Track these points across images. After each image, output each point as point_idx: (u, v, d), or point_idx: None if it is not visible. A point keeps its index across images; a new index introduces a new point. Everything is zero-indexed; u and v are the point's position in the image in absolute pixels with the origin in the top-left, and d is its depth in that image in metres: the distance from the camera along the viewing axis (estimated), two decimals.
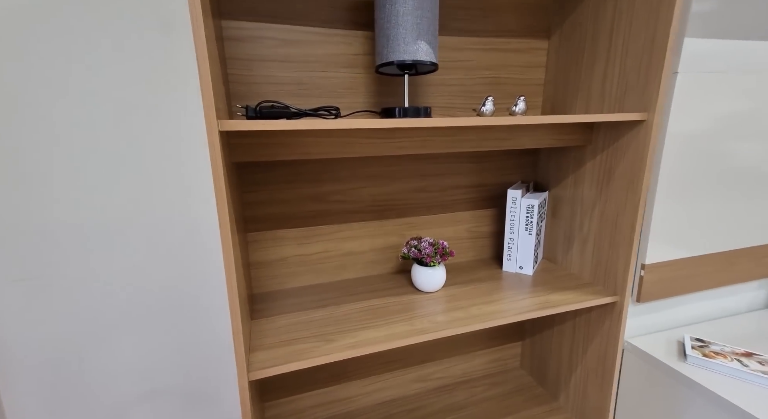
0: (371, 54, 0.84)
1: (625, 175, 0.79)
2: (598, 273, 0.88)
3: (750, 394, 1.00)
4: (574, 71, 0.89)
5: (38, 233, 0.74)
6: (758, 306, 1.48)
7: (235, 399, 0.95)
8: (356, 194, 0.91)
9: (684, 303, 1.36)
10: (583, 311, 0.92)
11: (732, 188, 1.28)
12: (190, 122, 0.78)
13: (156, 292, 0.83)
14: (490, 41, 0.92)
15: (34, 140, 0.70)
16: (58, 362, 0.80)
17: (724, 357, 1.15)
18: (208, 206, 0.83)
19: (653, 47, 0.71)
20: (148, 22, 0.72)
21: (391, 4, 0.68)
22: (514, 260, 0.95)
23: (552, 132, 0.85)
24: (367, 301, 0.83)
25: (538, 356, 1.12)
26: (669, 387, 1.14)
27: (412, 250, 0.85)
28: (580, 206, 0.91)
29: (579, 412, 0.98)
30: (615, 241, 0.83)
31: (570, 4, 0.89)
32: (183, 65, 0.75)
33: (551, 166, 0.99)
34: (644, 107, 0.74)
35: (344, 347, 0.66)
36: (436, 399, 1.07)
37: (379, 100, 0.87)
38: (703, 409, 1.05)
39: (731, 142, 1.20)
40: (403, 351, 1.06)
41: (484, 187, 1.01)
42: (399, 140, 0.75)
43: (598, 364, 0.91)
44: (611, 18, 0.79)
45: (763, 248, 1.38)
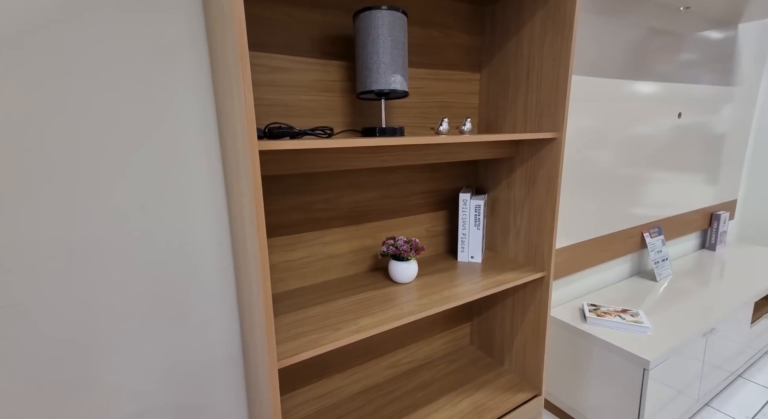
0: (345, 80, 0.97)
1: (545, 179, 1.05)
2: (529, 256, 1.13)
3: (628, 338, 1.36)
4: (502, 99, 1.14)
5: (21, 254, 0.70)
6: (626, 276, 1.95)
7: (225, 409, 0.97)
8: (335, 202, 1.02)
9: (579, 279, 1.74)
10: (520, 287, 1.16)
11: (600, 188, 1.70)
12: (183, 141, 0.82)
13: (147, 307, 0.83)
14: (438, 72, 1.12)
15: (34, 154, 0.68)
16: (47, 385, 0.75)
17: (610, 314, 1.51)
18: (199, 220, 0.86)
19: (558, 83, 0.98)
20: (145, 47, 0.75)
21: (372, 44, 0.83)
22: (466, 252, 1.16)
23: (490, 146, 1.08)
24: (355, 296, 0.94)
25: (484, 332, 1.35)
26: (576, 341, 1.46)
27: (390, 247, 0.99)
28: (512, 204, 1.16)
29: (521, 371, 1.22)
30: (540, 230, 1.08)
31: (495, 49, 1.13)
32: (180, 88, 0.79)
33: (489, 173, 1.22)
34: (555, 128, 1.00)
35: (351, 332, 0.77)
36: (407, 381, 1.21)
37: (354, 119, 1.00)
38: (600, 354, 1.38)
39: (594, 152, 1.60)
40: (374, 341, 1.18)
41: (438, 192, 1.21)
42: (381, 155, 0.89)
43: (533, 329, 1.16)
44: (527, 61, 1.05)
45: (625, 232, 1.83)
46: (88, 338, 0.78)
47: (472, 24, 1.14)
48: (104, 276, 0.78)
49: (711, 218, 2.34)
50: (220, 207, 0.89)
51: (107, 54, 0.72)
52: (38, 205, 0.70)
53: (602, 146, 1.60)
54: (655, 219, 1.98)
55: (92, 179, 0.74)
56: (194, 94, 0.82)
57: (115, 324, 0.80)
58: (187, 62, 0.80)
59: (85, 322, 0.77)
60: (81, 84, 0.71)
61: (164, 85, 0.78)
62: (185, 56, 0.80)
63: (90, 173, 0.74)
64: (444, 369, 1.27)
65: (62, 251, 0.73)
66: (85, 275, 0.76)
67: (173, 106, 0.80)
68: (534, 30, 1.01)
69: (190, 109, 0.82)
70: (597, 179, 1.64)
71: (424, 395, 1.15)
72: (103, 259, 0.77)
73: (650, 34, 1.64)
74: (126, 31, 0.73)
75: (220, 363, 0.94)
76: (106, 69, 0.73)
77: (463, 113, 1.19)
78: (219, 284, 0.91)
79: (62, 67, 0.69)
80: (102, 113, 0.73)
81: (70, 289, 0.75)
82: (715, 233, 2.33)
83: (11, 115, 0.66)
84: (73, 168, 0.72)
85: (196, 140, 0.83)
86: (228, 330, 0.95)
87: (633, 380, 1.30)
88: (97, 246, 0.76)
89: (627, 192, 1.79)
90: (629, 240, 1.86)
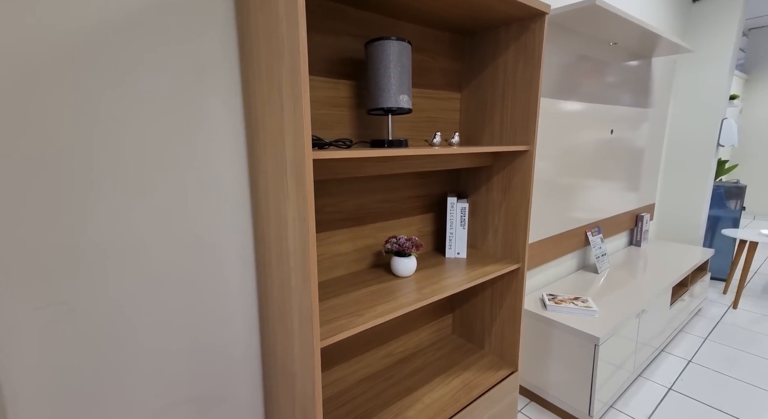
0: (353, 97, 1.09)
1: (518, 185, 1.25)
2: (506, 251, 1.32)
3: (580, 321, 1.60)
4: (480, 116, 1.33)
5: (66, 257, 0.72)
6: (574, 270, 2.25)
7: (242, 398, 1.02)
8: (343, 205, 1.13)
9: (537, 273, 1.98)
10: (498, 278, 1.35)
11: (550, 194, 1.97)
12: (215, 151, 0.89)
13: (177, 305, 0.88)
14: (427, 92, 1.28)
15: (74, 163, 0.71)
16: (87, 377, 0.77)
17: (565, 302, 1.76)
18: (225, 224, 0.93)
19: (529, 104, 1.18)
20: (185, 65, 0.81)
21: (384, 68, 0.96)
22: (453, 249, 1.32)
23: (472, 157, 1.26)
24: (366, 288, 1.05)
25: (465, 322, 1.51)
26: (539, 327, 1.69)
27: (394, 245, 1.12)
28: (491, 206, 1.34)
29: (500, 352, 1.40)
30: (515, 228, 1.28)
31: (474, 73, 1.32)
32: (213, 101, 0.86)
33: (470, 180, 1.40)
34: (527, 142, 1.20)
35: (373, 316, 0.88)
36: (402, 367, 1.33)
37: (360, 132, 1.12)
38: (559, 336, 1.61)
39: (544, 162, 1.87)
40: (371, 334, 1.29)
41: (427, 197, 1.36)
42: (389, 163, 1.02)
43: (510, 314, 1.34)
44: (502, 84, 1.25)
45: (572, 232, 2.12)
46: (124, 333, 0.81)
47: (454, 51, 1.32)
48: (140, 276, 0.82)
49: (636, 219, 2.76)
50: (244, 212, 0.96)
51: (153, 70, 0.78)
52: (84, 211, 0.74)
53: (550, 157, 1.87)
54: (594, 220, 2.31)
55: (134, 186, 0.79)
56: (225, 106, 0.89)
57: (148, 320, 0.84)
58: (219, 78, 0.87)
59: (122, 319, 0.81)
60: (131, 98, 0.76)
61: (199, 99, 0.85)
62: (218, 73, 0.87)
63: (132, 180, 0.79)
64: (432, 355, 1.41)
65: (104, 253, 0.77)
66: (124, 275, 0.80)
67: (207, 117, 0.87)
68: (508, 60, 1.21)
69: (221, 120, 0.89)
70: (547, 186, 1.90)
71: (419, 378, 1.28)
72: (139, 260, 0.81)
73: (587, 62, 1.96)
74: (169, 51, 0.80)
75: (240, 358, 1.00)
76: (151, 84, 0.78)
77: (447, 127, 1.37)
78: (241, 283, 0.98)
79: (118, 81, 0.74)
80: (145, 123, 0.79)
81: (110, 288, 0.78)
82: (640, 232, 2.75)
83: (80, 120, 0.70)
84: (117, 175, 0.77)
85: (225, 150, 0.91)
86: (248, 327, 1.01)
87: (586, 355, 1.54)
88: (134, 248, 0.80)
89: (572, 197, 2.09)
90: (575, 239, 2.16)
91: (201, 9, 0.83)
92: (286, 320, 0.86)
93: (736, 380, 1.94)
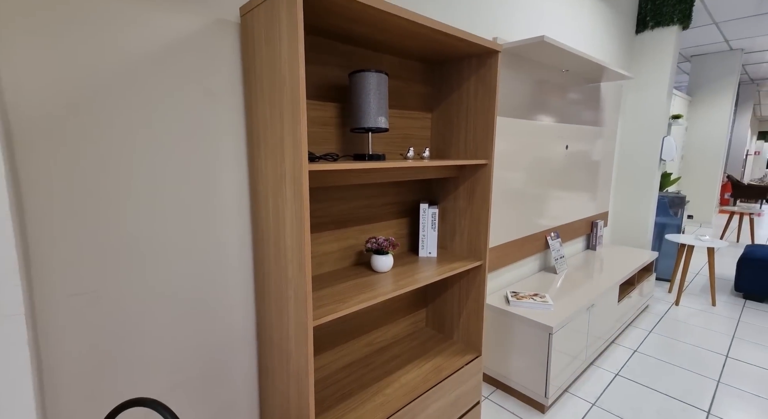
0: (337, 117, 1.27)
1: (480, 194, 1.45)
2: (470, 251, 1.52)
3: (538, 313, 1.82)
4: (447, 134, 1.54)
5: (97, 251, 0.86)
6: (536, 271, 2.49)
7: (242, 377, 1.16)
8: (329, 210, 1.29)
9: (502, 274, 2.20)
10: (464, 274, 1.54)
11: (514, 202, 2.20)
12: (221, 163, 1.04)
13: (187, 294, 1.01)
14: (402, 112, 1.47)
15: (110, 168, 0.85)
16: (99, 365, 0.89)
17: (526, 298, 1.98)
18: (228, 225, 1.08)
19: (487, 125, 1.39)
20: (195, 90, 0.97)
21: (365, 94, 1.15)
22: (426, 249, 1.50)
23: (441, 169, 1.45)
24: (350, 281, 1.22)
25: (437, 315, 1.70)
26: (503, 320, 1.89)
27: (374, 244, 1.29)
28: (458, 212, 1.54)
29: (466, 340, 1.58)
30: (478, 231, 1.48)
31: (442, 97, 1.53)
32: (224, 125, 1.02)
33: (440, 189, 1.60)
34: (487, 157, 1.41)
35: (357, 302, 1.05)
36: (381, 355, 1.50)
37: (343, 147, 1.30)
38: (519, 327, 1.82)
39: (508, 173, 2.11)
40: (354, 325, 1.45)
41: (402, 203, 1.55)
42: (370, 174, 1.20)
43: (474, 306, 1.53)
44: (465, 108, 1.46)
45: (533, 236, 2.36)
46: (141, 318, 0.95)
47: (425, 78, 1.53)
48: (157, 268, 0.96)
49: (592, 225, 3.05)
50: (244, 216, 1.11)
51: (173, 95, 0.94)
52: (117, 212, 0.88)
53: (514, 170, 2.10)
54: (554, 226, 2.56)
55: (153, 192, 0.93)
56: (231, 126, 1.05)
57: (162, 307, 0.98)
58: (226, 103, 1.04)
59: (141, 306, 0.94)
60: (155, 118, 0.91)
61: (211, 120, 1.01)
62: (226, 98, 1.03)
63: (152, 186, 0.93)
64: (408, 344, 1.58)
65: (129, 248, 0.90)
66: (143, 267, 0.93)
67: (216, 135, 1.02)
68: (470, 88, 1.43)
69: (227, 138, 1.05)
70: (511, 195, 2.14)
71: (396, 364, 1.44)
72: (156, 254, 0.95)
73: (544, 86, 2.22)
74: (188, 81, 0.95)
75: (238, 343, 1.14)
76: (173, 107, 0.94)
77: (419, 143, 1.57)
78: (240, 276, 1.12)
79: (146, 103, 0.89)
80: (166, 139, 0.94)
81: (132, 278, 0.92)
82: (595, 237, 3.04)
83: (117, 135, 0.84)
84: (139, 182, 0.91)
85: (230, 162, 1.06)
86: (245, 316, 1.15)
87: (542, 343, 1.75)
88: (152, 245, 0.94)
89: (534, 205, 2.33)
90: (537, 243, 2.40)
91: (213, 48, 0.99)
92: (282, 306, 1.01)
93: (673, 365, 2.21)
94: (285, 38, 0.85)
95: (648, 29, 3.05)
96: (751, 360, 2.28)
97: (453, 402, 1.41)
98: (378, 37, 1.17)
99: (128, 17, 0.86)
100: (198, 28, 0.97)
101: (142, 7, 0.88)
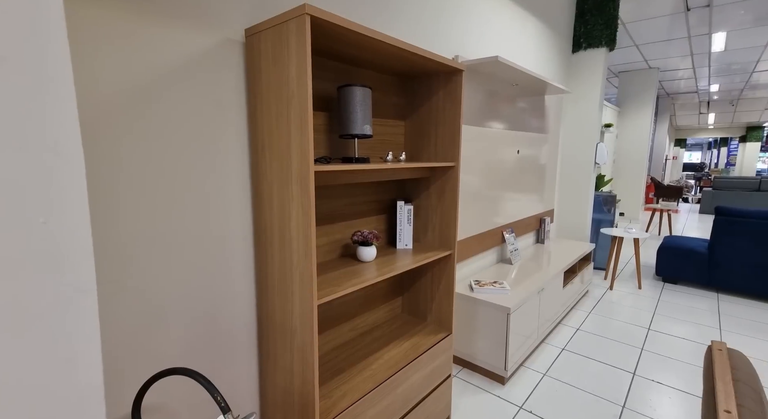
0: (326, 124, 1.43)
1: (449, 192, 1.67)
2: (441, 242, 1.73)
3: (497, 297, 2.08)
4: (419, 139, 1.74)
5: (117, 244, 0.95)
6: (494, 262, 2.78)
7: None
8: (319, 208, 1.44)
9: (467, 265, 2.46)
10: (436, 262, 1.75)
11: (475, 201, 2.47)
12: (227, 164, 1.16)
13: (198, 282, 1.12)
14: (380, 120, 1.66)
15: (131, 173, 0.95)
16: (129, 335, 0.98)
17: (487, 285, 2.24)
18: (233, 220, 1.20)
19: (454, 133, 1.62)
20: (206, 101, 1.09)
21: (353, 105, 1.32)
22: (403, 241, 1.70)
23: (415, 170, 1.66)
24: (341, 270, 1.38)
25: (412, 301, 1.89)
26: (468, 305, 2.13)
27: (359, 237, 1.46)
28: (430, 208, 1.75)
29: (438, 321, 1.79)
30: (448, 225, 1.70)
31: (414, 107, 1.74)
32: (229, 131, 1.14)
33: (414, 188, 1.80)
34: (454, 160, 1.63)
35: (349, 285, 1.21)
36: (365, 338, 1.66)
37: (331, 151, 1.46)
38: (481, 311, 2.07)
39: (469, 176, 2.37)
40: (339, 311, 1.60)
41: (382, 201, 1.73)
42: (356, 174, 1.37)
43: (445, 291, 1.75)
44: (435, 118, 1.68)
45: (492, 231, 2.65)
46: (159, 303, 1.04)
47: (401, 91, 1.73)
48: (173, 259, 1.06)
49: (540, 221, 3.42)
50: (246, 212, 1.23)
51: (187, 105, 1.05)
52: (136, 210, 0.97)
53: (474, 172, 2.37)
54: (509, 223, 2.87)
55: (168, 192, 1.04)
56: (236, 133, 1.18)
57: (177, 293, 1.08)
58: (233, 112, 1.16)
59: (159, 292, 1.04)
60: (168, 126, 1.02)
61: (219, 127, 1.13)
62: (232, 109, 1.16)
63: (167, 187, 1.03)
64: (388, 328, 1.76)
65: (149, 240, 1.00)
66: (161, 258, 1.03)
67: (223, 138, 1.14)
68: (438, 100, 1.65)
69: (232, 141, 1.17)
70: (473, 195, 2.40)
71: (378, 344, 1.62)
72: (169, 247, 1.05)
73: (498, 98, 2.52)
74: (201, 93, 1.07)
75: (241, 326, 1.26)
76: (188, 115, 1.05)
77: (395, 148, 1.76)
78: (243, 267, 1.24)
79: (163, 111, 1.00)
80: (184, 146, 1.05)
81: (152, 268, 1.01)
82: (544, 232, 3.41)
83: (150, 146, 0.94)
84: (157, 183, 1.01)
85: (234, 165, 1.18)
86: (248, 300, 1.27)
87: (501, 323, 2.01)
88: (165, 238, 1.04)
89: (492, 204, 2.62)
90: (495, 237, 2.69)
91: (222, 63, 1.12)
92: (286, 290, 1.15)
93: (608, 339, 2.58)
94: (294, 58, 1.01)
95: (582, 49, 3.50)
96: (667, 330, 2.72)
97: (429, 374, 1.61)
98: (362, 55, 1.35)
99: (152, 37, 0.97)
100: (209, 47, 1.09)
101: (165, 29, 0.99)
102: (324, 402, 1.25)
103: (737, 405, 0.58)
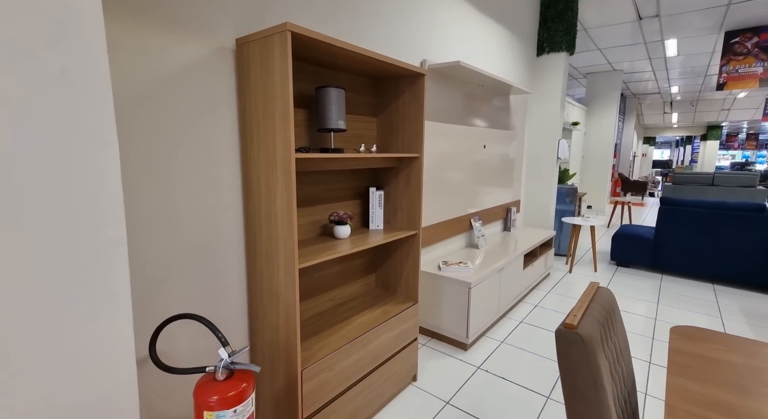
0: (306, 119, 1.66)
1: (415, 179, 1.92)
2: (408, 223, 1.98)
3: (461, 274, 2.36)
4: (389, 134, 1.99)
5: (135, 223, 1.16)
6: (463, 247, 3.06)
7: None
8: (300, 192, 1.67)
9: (436, 248, 2.72)
10: (404, 240, 2.01)
11: (445, 190, 2.74)
12: (220, 158, 1.38)
13: (195, 257, 1.34)
14: (354, 117, 1.90)
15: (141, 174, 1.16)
16: (139, 292, 1.19)
17: (454, 264, 2.51)
18: (225, 206, 1.42)
19: (417, 128, 1.87)
20: (203, 100, 1.31)
21: (328, 104, 1.55)
22: (375, 223, 1.94)
23: (385, 160, 1.90)
24: (319, 244, 1.61)
25: (384, 277, 2.14)
26: (435, 283, 2.40)
27: (335, 217, 1.70)
28: (398, 194, 2.00)
29: (406, 293, 2.05)
30: (414, 208, 1.95)
31: (384, 106, 1.98)
32: (222, 125, 1.36)
33: (384, 176, 2.05)
34: (418, 151, 1.88)
35: (327, 255, 1.45)
36: (342, 308, 1.90)
37: (310, 142, 1.69)
38: (447, 287, 2.34)
39: (442, 168, 2.64)
40: (319, 284, 1.84)
41: (356, 188, 1.97)
42: (332, 163, 1.61)
43: (412, 266, 2.00)
44: (402, 115, 1.92)
45: (460, 218, 2.92)
46: (166, 267, 1.26)
47: (372, 91, 1.97)
48: (176, 232, 1.27)
49: (507, 210, 3.73)
50: (237, 193, 1.45)
51: (186, 105, 1.26)
52: (141, 189, 1.18)
53: (445, 164, 2.63)
54: (477, 211, 3.16)
55: (171, 176, 1.25)
56: (229, 126, 1.39)
57: (180, 263, 1.29)
58: (225, 108, 1.38)
59: (165, 256, 1.25)
60: (172, 121, 1.23)
61: (213, 121, 1.34)
62: (225, 105, 1.37)
63: (170, 172, 1.25)
64: (362, 299, 2.01)
65: (158, 219, 1.21)
66: (167, 234, 1.25)
67: (216, 132, 1.36)
68: (404, 100, 1.90)
69: (225, 134, 1.39)
70: (443, 184, 2.66)
71: (353, 311, 1.86)
72: (171, 226, 1.27)
73: (465, 98, 2.79)
74: (198, 91, 1.29)
75: (233, 291, 1.48)
76: (184, 113, 1.26)
77: (369, 140, 2.00)
78: (235, 240, 1.46)
79: (167, 109, 1.21)
80: (181, 137, 1.26)
81: (162, 242, 1.23)
82: (510, 220, 3.72)
83: (159, 141, 1.15)
84: (161, 175, 1.23)
85: (226, 152, 1.40)
86: (239, 270, 1.49)
87: (463, 296, 2.29)
88: (167, 218, 1.26)
89: (461, 193, 2.89)
90: (463, 224, 2.97)
91: (215, 67, 1.33)
92: (272, 258, 1.38)
93: (562, 313, 2.90)
94: (278, 65, 1.23)
95: (545, 53, 3.81)
96: None
97: (397, 335, 1.87)
98: (337, 62, 1.58)
99: (155, 46, 1.18)
100: (205, 54, 1.30)
101: (165, 38, 1.20)
102: (305, 353, 1.49)
103: (584, 314, 0.85)
